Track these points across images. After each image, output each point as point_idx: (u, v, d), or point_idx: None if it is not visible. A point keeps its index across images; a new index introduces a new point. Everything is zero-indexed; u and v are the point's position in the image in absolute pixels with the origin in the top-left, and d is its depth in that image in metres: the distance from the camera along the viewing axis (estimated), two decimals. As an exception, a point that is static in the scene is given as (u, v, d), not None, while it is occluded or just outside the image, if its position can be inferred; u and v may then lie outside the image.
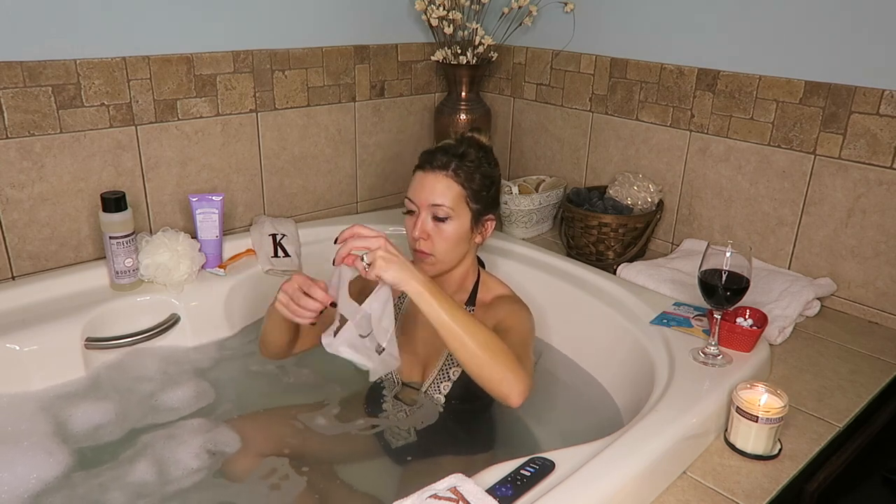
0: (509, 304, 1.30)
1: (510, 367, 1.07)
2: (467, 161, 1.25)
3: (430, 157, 1.26)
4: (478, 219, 1.28)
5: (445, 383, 1.29)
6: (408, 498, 0.90)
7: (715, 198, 1.75)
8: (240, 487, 1.18)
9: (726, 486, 1.05)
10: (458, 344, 1.06)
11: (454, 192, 1.23)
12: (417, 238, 1.25)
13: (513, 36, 2.03)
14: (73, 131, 1.51)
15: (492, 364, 1.06)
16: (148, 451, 1.23)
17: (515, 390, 1.07)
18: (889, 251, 1.50)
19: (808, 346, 1.44)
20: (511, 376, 1.07)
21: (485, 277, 1.36)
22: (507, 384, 1.07)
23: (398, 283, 1.04)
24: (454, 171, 1.24)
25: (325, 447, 1.29)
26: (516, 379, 1.07)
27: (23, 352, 1.33)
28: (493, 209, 1.32)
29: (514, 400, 1.08)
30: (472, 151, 1.27)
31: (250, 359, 1.54)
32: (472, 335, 1.06)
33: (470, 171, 1.24)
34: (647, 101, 1.82)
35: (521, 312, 1.28)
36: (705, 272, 1.22)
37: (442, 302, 1.06)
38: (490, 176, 1.29)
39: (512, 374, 1.07)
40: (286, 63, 1.79)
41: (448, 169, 1.24)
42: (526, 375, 1.09)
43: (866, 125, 1.47)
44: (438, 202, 1.23)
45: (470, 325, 1.06)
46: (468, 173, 1.24)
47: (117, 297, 1.49)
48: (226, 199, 1.70)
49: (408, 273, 1.04)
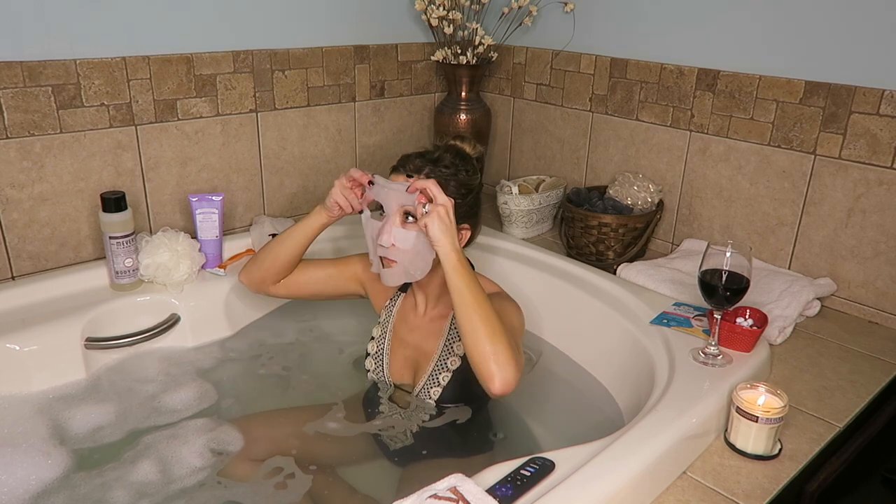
0: (499, 300, 1.27)
1: (504, 349, 1.09)
2: (442, 166, 1.23)
3: (405, 161, 1.25)
4: None
5: (436, 389, 1.29)
6: (407, 498, 0.90)
7: (715, 198, 1.75)
8: (241, 487, 1.18)
9: (726, 486, 1.05)
10: (465, 310, 1.12)
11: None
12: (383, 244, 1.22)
13: (513, 36, 2.03)
14: (73, 131, 1.51)
15: (488, 339, 1.09)
16: (150, 451, 1.23)
17: (500, 375, 1.08)
18: (889, 251, 1.50)
19: (808, 346, 1.44)
20: (502, 359, 1.09)
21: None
22: (497, 365, 1.09)
23: (436, 240, 1.14)
24: (426, 175, 1.22)
25: (325, 448, 1.29)
26: (506, 363, 1.09)
27: (23, 352, 1.33)
28: (471, 219, 1.28)
29: (496, 384, 1.09)
30: (449, 157, 1.25)
31: (251, 359, 1.54)
32: (480, 307, 1.12)
33: (444, 177, 1.22)
34: (647, 101, 1.82)
35: (510, 308, 1.27)
36: (705, 272, 1.22)
37: (463, 271, 1.14)
38: (467, 184, 1.26)
39: (503, 356, 1.09)
40: (286, 63, 1.79)
41: (420, 173, 1.22)
42: (517, 366, 1.10)
43: (866, 125, 1.47)
44: (409, 202, 1.20)
45: (482, 300, 1.13)
46: (444, 178, 1.22)
47: (117, 297, 1.49)
48: (226, 199, 1.70)
49: (448, 238, 1.14)
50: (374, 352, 1.38)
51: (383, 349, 1.37)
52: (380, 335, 1.38)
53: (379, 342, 1.38)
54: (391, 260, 1.22)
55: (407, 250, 1.21)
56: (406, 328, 1.35)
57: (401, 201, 1.20)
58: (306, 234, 1.35)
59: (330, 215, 1.32)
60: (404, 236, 1.20)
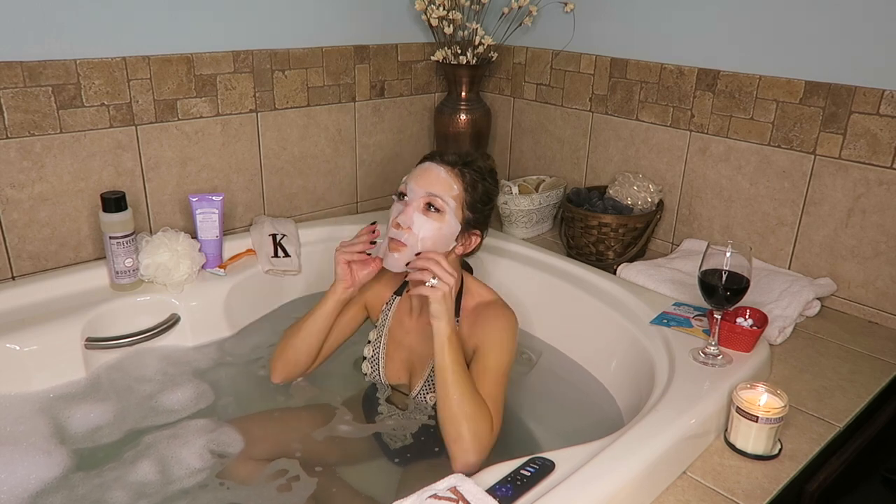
0: (494, 317, 1.26)
1: (470, 436, 1.12)
2: (474, 167, 1.25)
3: (441, 153, 1.27)
4: (466, 228, 1.26)
5: (432, 394, 1.29)
6: (408, 498, 0.90)
7: (715, 198, 1.75)
8: (241, 488, 1.18)
9: (726, 486, 1.05)
10: (443, 387, 1.15)
11: (455, 190, 1.23)
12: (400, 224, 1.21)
13: (513, 36, 2.03)
14: (74, 131, 1.51)
15: (459, 423, 1.13)
16: (150, 451, 1.23)
17: (461, 459, 1.12)
18: (889, 251, 1.50)
19: (808, 346, 1.44)
20: (466, 445, 1.12)
21: (469, 283, 1.33)
22: (461, 451, 1.12)
23: (436, 315, 1.15)
24: (460, 171, 1.24)
25: (326, 449, 1.29)
26: (469, 449, 1.12)
27: (23, 352, 1.33)
28: (483, 226, 1.30)
29: (457, 465, 1.13)
30: (480, 163, 1.27)
31: (251, 359, 1.54)
32: (458, 387, 1.14)
33: (474, 178, 1.24)
34: (647, 101, 1.82)
35: (503, 332, 1.24)
36: (705, 272, 1.22)
37: (451, 350, 1.16)
38: (490, 192, 1.28)
39: (468, 443, 1.12)
40: (286, 63, 1.79)
41: (455, 167, 1.24)
42: (479, 450, 1.13)
43: (866, 125, 1.47)
44: (437, 192, 1.21)
45: (463, 384, 1.14)
46: (472, 179, 1.24)
47: (117, 297, 1.49)
48: (226, 199, 1.70)
49: (446, 317, 1.16)
50: (371, 355, 1.39)
51: (379, 352, 1.37)
52: (376, 338, 1.39)
53: (375, 345, 1.38)
54: (401, 243, 1.22)
55: (425, 238, 1.21)
56: (402, 331, 1.36)
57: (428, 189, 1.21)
58: (325, 317, 1.32)
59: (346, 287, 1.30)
60: (422, 222, 1.21)
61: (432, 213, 1.22)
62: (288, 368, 1.35)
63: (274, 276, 1.66)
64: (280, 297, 1.71)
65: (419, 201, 1.22)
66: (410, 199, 1.22)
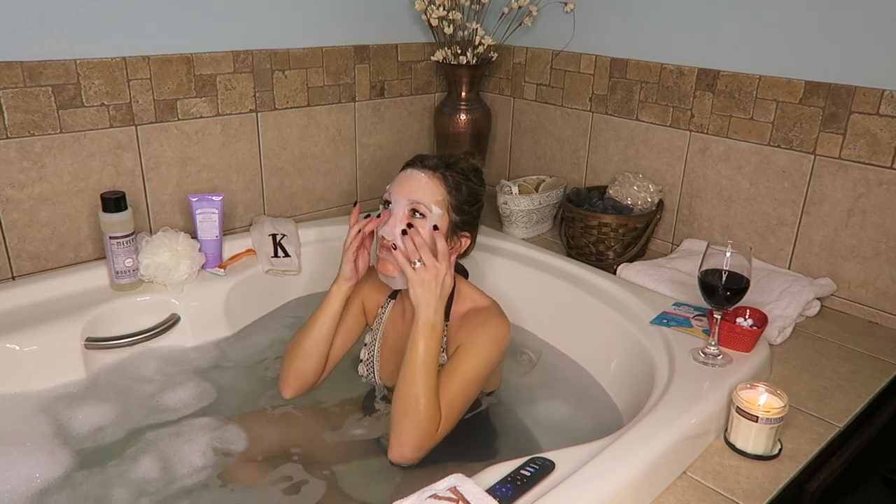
0: (481, 322, 1.24)
1: (413, 431, 1.13)
2: (456, 169, 1.25)
3: (422, 158, 1.27)
4: (454, 231, 1.24)
5: None
6: (407, 498, 0.90)
7: (715, 198, 1.75)
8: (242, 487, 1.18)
9: (726, 486, 1.05)
10: (407, 378, 1.15)
11: (439, 194, 1.22)
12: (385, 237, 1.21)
13: (513, 36, 2.03)
14: (73, 131, 1.51)
15: (406, 416, 1.13)
16: (152, 448, 1.23)
17: (398, 451, 1.14)
18: (889, 251, 1.50)
19: (808, 346, 1.44)
20: (405, 438, 1.13)
21: (462, 287, 1.31)
22: (398, 441, 1.14)
23: (417, 301, 1.16)
24: (443, 174, 1.23)
25: (326, 449, 1.29)
26: (408, 445, 1.13)
27: (23, 352, 1.33)
28: (471, 228, 1.28)
29: (392, 455, 1.15)
30: (463, 164, 1.27)
31: (250, 359, 1.54)
32: (418, 385, 1.13)
33: (458, 180, 1.24)
34: (647, 101, 1.82)
35: (486, 338, 1.21)
36: (705, 272, 1.22)
37: (430, 337, 1.16)
38: (475, 192, 1.27)
39: (407, 435, 1.13)
40: (286, 63, 1.79)
41: (437, 171, 1.23)
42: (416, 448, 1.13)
43: (866, 125, 1.47)
44: (420, 199, 1.20)
45: (425, 378, 1.14)
46: (456, 182, 1.23)
47: (117, 297, 1.49)
48: (226, 199, 1.70)
49: (429, 305, 1.16)
50: (366, 358, 1.39)
51: (374, 354, 1.38)
52: (370, 341, 1.39)
53: (370, 348, 1.39)
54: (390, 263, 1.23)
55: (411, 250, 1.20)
56: (395, 334, 1.36)
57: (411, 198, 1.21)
58: (332, 317, 1.32)
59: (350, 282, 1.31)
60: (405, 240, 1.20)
61: (418, 220, 1.21)
62: (299, 379, 1.33)
63: (274, 276, 1.66)
64: (280, 297, 1.71)
65: (403, 210, 1.21)
66: (394, 208, 1.22)
